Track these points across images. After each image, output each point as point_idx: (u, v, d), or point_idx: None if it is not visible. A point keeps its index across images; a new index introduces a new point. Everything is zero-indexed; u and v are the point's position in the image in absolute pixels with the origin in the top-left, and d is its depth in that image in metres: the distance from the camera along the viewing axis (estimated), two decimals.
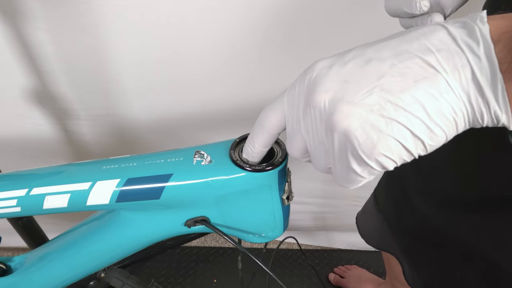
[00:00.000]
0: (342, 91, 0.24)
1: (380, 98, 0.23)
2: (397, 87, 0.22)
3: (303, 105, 0.26)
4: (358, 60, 0.24)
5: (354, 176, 0.25)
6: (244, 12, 0.72)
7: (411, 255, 0.60)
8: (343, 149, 0.24)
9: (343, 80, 0.24)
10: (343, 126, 0.23)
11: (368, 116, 0.23)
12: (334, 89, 0.24)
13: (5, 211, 0.41)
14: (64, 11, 0.71)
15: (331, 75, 0.25)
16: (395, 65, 0.23)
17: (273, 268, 1.18)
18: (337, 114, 0.23)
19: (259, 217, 0.42)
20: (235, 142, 0.39)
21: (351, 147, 0.24)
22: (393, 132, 0.22)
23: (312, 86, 0.25)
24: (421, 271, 0.58)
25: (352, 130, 0.23)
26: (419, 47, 0.23)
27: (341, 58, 0.25)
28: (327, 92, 0.24)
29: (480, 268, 0.47)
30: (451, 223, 0.49)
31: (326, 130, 0.25)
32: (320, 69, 0.25)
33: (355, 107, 0.23)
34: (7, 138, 0.92)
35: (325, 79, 0.25)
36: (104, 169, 0.40)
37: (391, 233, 0.63)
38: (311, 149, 0.27)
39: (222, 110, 0.88)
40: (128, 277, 0.61)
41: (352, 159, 0.24)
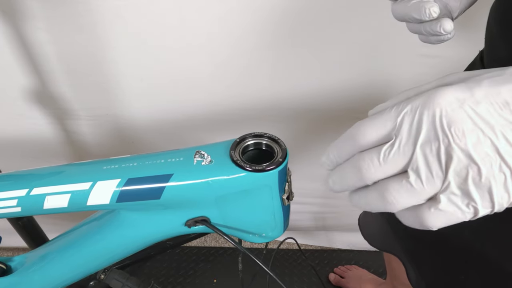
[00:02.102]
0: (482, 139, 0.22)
1: None
2: None
3: (433, 135, 0.23)
4: (493, 100, 0.22)
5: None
6: (245, 12, 0.72)
7: (414, 257, 0.59)
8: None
9: (481, 125, 0.22)
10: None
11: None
12: (473, 133, 0.22)
13: (5, 211, 0.41)
14: (64, 11, 0.71)
15: (465, 117, 0.22)
16: None
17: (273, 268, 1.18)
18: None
19: (259, 217, 0.42)
20: (235, 142, 0.39)
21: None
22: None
23: (443, 123, 0.23)
24: (425, 273, 0.58)
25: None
26: None
27: (471, 94, 0.23)
28: (466, 136, 0.22)
29: (483, 270, 0.47)
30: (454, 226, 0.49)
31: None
32: (449, 104, 0.23)
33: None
34: (7, 138, 0.92)
35: (459, 119, 0.22)
36: (104, 169, 0.40)
37: (394, 234, 0.63)
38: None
39: (222, 110, 0.88)
40: (128, 279, 0.61)
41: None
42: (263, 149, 0.40)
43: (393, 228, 0.63)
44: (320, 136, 0.95)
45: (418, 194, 0.24)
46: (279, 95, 0.86)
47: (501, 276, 0.45)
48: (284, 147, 0.39)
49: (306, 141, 0.97)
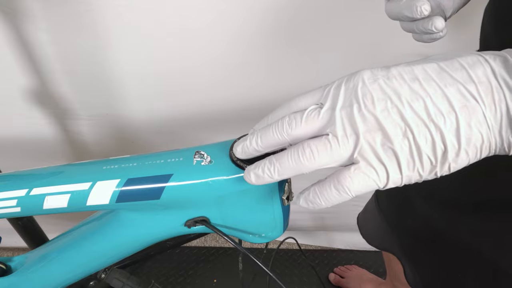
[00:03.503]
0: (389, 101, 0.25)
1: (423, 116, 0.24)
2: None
3: (348, 103, 0.27)
4: (405, 76, 0.26)
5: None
6: (245, 13, 0.72)
7: (412, 255, 0.60)
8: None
9: (390, 95, 0.25)
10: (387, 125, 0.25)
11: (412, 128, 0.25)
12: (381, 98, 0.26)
13: (5, 211, 0.41)
14: (64, 11, 0.71)
15: (377, 88, 0.26)
16: (440, 89, 0.24)
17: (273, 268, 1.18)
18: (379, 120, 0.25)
19: (259, 217, 0.42)
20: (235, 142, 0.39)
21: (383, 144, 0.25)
22: (426, 148, 0.24)
23: (358, 93, 0.26)
24: (422, 271, 0.58)
25: (392, 134, 0.25)
26: (462, 76, 0.24)
27: (387, 71, 0.26)
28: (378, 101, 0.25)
29: (480, 269, 0.47)
30: (452, 225, 0.49)
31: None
32: (367, 79, 0.26)
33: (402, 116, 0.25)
34: (7, 138, 0.92)
35: (372, 89, 0.26)
36: (104, 169, 0.40)
37: (392, 233, 0.63)
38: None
39: (222, 110, 0.88)
40: (129, 278, 0.61)
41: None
42: None
43: (391, 227, 0.63)
44: None
45: (335, 154, 0.27)
46: (279, 95, 0.86)
47: (498, 275, 0.45)
48: (284, 147, 0.39)
49: None
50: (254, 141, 0.31)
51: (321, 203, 0.28)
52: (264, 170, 0.30)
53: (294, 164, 0.28)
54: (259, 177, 0.30)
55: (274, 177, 0.30)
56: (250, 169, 0.31)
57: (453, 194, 0.50)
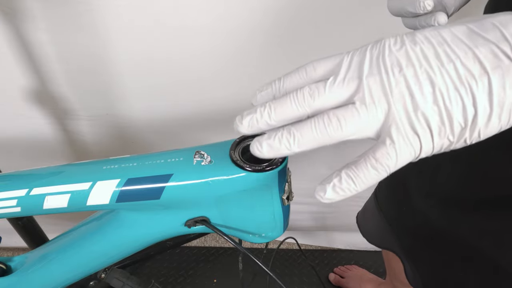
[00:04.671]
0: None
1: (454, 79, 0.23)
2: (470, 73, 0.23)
3: (376, 70, 0.25)
4: (432, 40, 0.25)
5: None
6: (244, 12, 0.72)
7: (412, 254, 0.60)
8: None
9: (416, 61, 0.24)
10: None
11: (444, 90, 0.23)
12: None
13: (5, 211, 0.41)
14: (64, 11, 0.71)
15: (403, 54, 0.25)
16: (470, 50, 0.23)
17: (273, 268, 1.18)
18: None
19: (259, 217, 0.42)
20: (235, 142, 0.39)
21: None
22: (457, 110, 0.23)
23: (386, 60, 0.25)
24: (422, 270, 0.58)
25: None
26: (495, 35, 0.23)
27: (412, 37, 0.26)
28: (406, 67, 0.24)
29: (480, 267, 0.47)
30: (451, 223, 0.49)
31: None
32: (393, 45, 0.26)
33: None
34: (7, 138, 0.92)
35: (399, 56, 0.25)
36: (104, 169, 0.40)
37: (392, 232, 0.63)
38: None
39: (222, 110, 0.88)
40: (128, 278, 0.61)
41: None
42: None
43: (391, 225, 0.63)
44: None
45: (363, 123, 0.25)
46: None
47: (498, 273, 0.45)
48: None
49: None
50: (267, 113, 0.28)
51: (357, 188, 0.25)
52: (282, 141, 0.26)
53: (318, 135, 0.25)
54: (273, 148, 0.27)
55: (292, 149, 0.26)
56: (262, 139, 0.27)
57: (453, 192, 0.50)
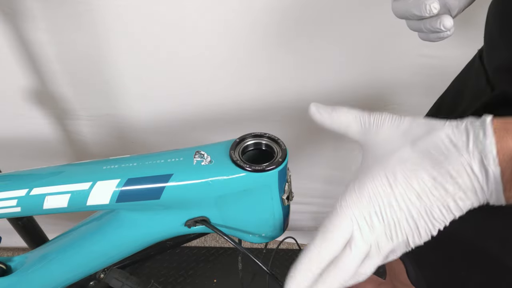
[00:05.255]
0: None
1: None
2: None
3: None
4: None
5: None
6: (244, 13, 0.72)
7: (414, 254, 0.59)
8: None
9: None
10: None
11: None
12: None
13: (5, 211, 0.41)
14: (64, 11, 0.71)
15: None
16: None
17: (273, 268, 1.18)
18: None
19: (259, 217, 0.42)
20: (235, 142, 0.39)
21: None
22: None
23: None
24: (425, 270, 0.58)
25: None
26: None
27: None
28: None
29: (484, 267, 0.47)
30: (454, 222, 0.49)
31: None
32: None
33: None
34: (7, 138, 0.92)
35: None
36: (104, 169, 0.40)
37: None
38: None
39: (222, 110, 0.88)
40: (128, 278, 0.61)
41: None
42: (263, 149, 0.40)
43: None
44: (320, 136, 0.95)
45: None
46: (279, 95, 0.86)
47: (502, 272, 0.45)
48: (284, 147, 0.39)
49: (306, 141, 0.97)
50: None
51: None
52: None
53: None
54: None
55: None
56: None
57: None
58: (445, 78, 0.59)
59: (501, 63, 0.43)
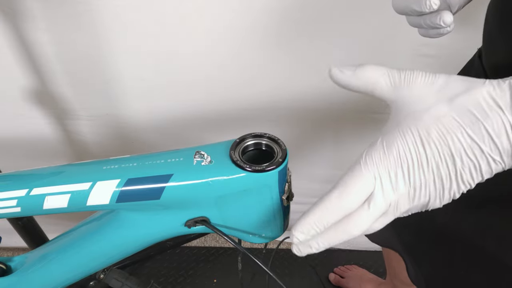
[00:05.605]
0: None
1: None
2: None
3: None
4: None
5: None
6: (245, 12, 0.72)
7: (413, 252, 0.59)
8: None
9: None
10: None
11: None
12: None
13: (5, 211, 0.41)
14: (64, 11, 0.71)
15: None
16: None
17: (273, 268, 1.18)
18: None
19: (259, 217, 0.42)
20: (235, 142, 0.39)
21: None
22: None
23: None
24: (424, 268, 0.58)
25: None
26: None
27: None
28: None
29: (483, 265, 0.47)
30: (454, 220, 0.49)
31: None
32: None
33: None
34: (7, 138, 0.92)
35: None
36: (104, 169, 0.40)
37: (393, 229, 0.63)
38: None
39: (222, 110, 0.88)
40: (127, 278, 0.61)
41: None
42: (263, 149, 0.40)
43: (392, 224, 0.63)
44: (320, 136, 0.96)
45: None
46: (279, 95, 0.86)
47: (501, 270, 0.45)
48: (284, 147, 0.39)
49: (306, 141, 0.97)
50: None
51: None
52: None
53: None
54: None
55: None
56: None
57: None
58: None
59: (500, 62, 0.43)
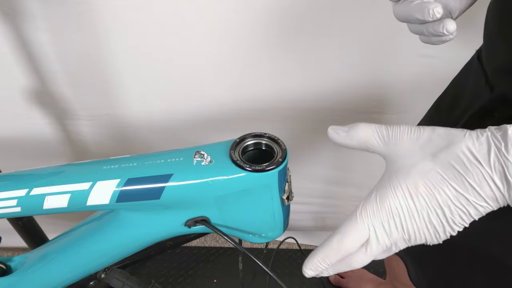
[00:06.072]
0: None
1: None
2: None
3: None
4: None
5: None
6: (245, 12, 0.72)
7: (415, 255, 0.59)
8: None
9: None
10: None
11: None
12: None
13: (5, 211, 0.41)
14: (64, 11, 0.71)
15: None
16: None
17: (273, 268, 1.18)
18: None
19: (259, 217, 0.42)
20: (235, 142, 0.39)
21: None
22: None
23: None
24: (426, 271, 0.58)
25: None
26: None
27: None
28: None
29: (486, 268, 0.47)
30: None
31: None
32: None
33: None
34: (7, 138, 0.92)
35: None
36: (104, 169, 0.40)
37: None
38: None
39: (222, 110, 0.88)
40: (128, 278, 0.61)
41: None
42: (263, 149, 0.40)
43: None
44: (320, 136, 0.95)
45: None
46: (279, 95, 0.86)
47: (503, 273, 0.45)
48: (284, 147, 0.39)
49: (306, 141, 0.97)
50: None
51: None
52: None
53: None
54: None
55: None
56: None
57: None
58: (445, 77, 0.59)
59: (500, 64, 0.43)
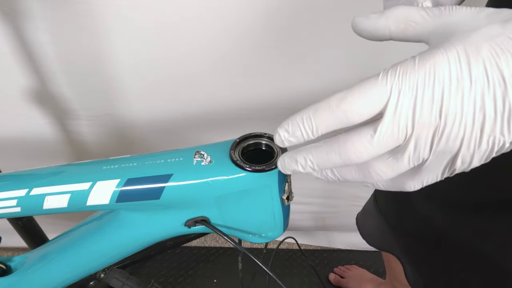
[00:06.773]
0: None
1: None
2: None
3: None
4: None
5: None
6: (244, 12, 0.72)
7: (412, 256, 0.59)
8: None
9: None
10: None
11: None
12: None
13: (5, 211, 0.41)
14: (64, 11, 0.71)
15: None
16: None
17: (273, 268, 1.18)
18: None
19: (259, 217, 0.42)
20: (235, 142, 0.39)
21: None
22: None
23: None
24: (423, 272, 0.58)
25: None
26: None
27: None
28: None
29: (482, 270, 0.47)
30: (453, 225, 0.49)
31: None
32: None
33: None
34: (7, 138, 0.92)
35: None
36: (104, 169, 0.40)
37: (392, 234, 0.63)
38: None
39: (222, 110, 0.88)
40: (128, 278, 0.61)
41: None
42: (263, 149, 0.40)
43: (391, 228, 0.63)
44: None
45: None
46: (279, 95, 0.86)
47: (500, 275, 0.45)
48: None
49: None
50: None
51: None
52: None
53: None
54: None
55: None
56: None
57: (455, 194, 0.49)
58: None
59: None
